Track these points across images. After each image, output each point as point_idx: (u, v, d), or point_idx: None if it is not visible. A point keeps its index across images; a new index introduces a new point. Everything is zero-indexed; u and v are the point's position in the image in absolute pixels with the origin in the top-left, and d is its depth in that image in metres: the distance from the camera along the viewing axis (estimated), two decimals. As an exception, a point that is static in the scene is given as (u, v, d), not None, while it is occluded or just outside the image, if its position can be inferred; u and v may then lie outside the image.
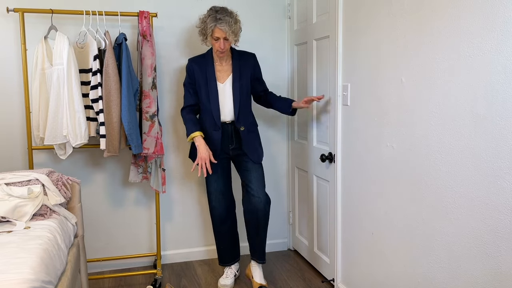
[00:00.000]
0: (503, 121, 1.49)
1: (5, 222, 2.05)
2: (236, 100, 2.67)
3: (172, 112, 3.15)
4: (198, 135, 2.63)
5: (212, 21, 2.52)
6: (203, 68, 2.68)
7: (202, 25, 2.59)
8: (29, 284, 1.48)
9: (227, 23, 2.50)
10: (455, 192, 1.72)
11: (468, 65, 1.62)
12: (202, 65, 2.69)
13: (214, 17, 2.52)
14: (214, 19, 2.51)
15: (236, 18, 2.58)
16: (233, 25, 2.52)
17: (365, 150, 2.33)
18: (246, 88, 2.71)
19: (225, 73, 2.70)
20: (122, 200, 3.13)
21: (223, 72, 2.70)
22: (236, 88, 2.67)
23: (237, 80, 2.68)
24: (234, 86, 2.67)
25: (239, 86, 2.68)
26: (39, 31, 2.83)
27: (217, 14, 2.52)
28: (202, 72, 2.68)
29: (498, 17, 1.49)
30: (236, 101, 2.67)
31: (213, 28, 2.52)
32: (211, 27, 2.52)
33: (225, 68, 2.70)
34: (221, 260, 2.89)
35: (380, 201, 2.21)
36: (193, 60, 2.71)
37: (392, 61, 2.06)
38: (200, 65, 2.69)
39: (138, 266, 3.20)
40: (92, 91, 2.60)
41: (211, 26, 2.52)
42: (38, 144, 2.75)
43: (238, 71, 2.69)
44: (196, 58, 2.72)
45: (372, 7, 2.19)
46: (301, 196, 3.25)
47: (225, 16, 2.51)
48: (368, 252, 2.35)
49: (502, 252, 1.52)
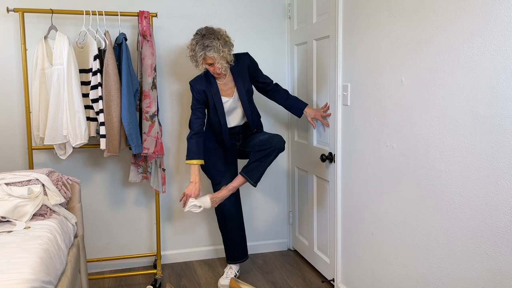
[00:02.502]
0: (503, 121, 1.49)
1: (5, 222, 2.05)
2: (247, 108, 2.72)
3: (172, 112, 3.15)
4: (196, 163, 2.65)
5: (200, 49, 2.46)
6: (208, 88, 2.66)
7: (192, 53, 2.53)
8: (29, 284, 1.48)
9: (215, 49, 2.45)
10: (455, 192, 1.72)
11: (468, 65, 1.62)
12: (207, 87, 2.66)
13: (202, 44, 2.46)
14: (202, 46, 2.46)
15: (225, 39, 2.51)
16: (221, 50, 2.46)
17: (365, 150, 2.33)
18: (251, 91, 2.76)
19: (230, 85, 2.71)
20: (122, 200, 3.13)
21: (227, 85, 2.71)
22: (244, 97, 2.70)
23: (242, 89, 2.70)
24: (241, 96, 2.70)
25: (246, 94, 2.71)
26: (39, 31, 2.83)
27: (204, 40, 2.45)
28: (209, 95, 2.67)
29: (498, 17, 1.49)
30: (247, 110, 2.73)
31: (203, 56, 2.49)
32: (201, 56, 2.48)
33: (228, 80, 2.70)
34: (231, 257, 2.89)
35: (380, 201, 2.21)
36: (196, 82, 2.67)
37: (392, 61, 2.06)
38: (204, 86, 2.66)
39: (138, 266, 3.20)
40: (92, 91, 2.60)
41: (201, 55, 2.48)
42: (38, 144, 2.75)
43: (240, 80, 2.70)
44: (197, 80, 2.68)
45: (372, 7, 2.19)
46: (301, 196, 3.25)
47: (213, 41, 2.45)
48: (368, 252, 2.35)
49: (502, 252, 1.52)
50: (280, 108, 3.35)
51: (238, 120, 2.76)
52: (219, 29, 2.54)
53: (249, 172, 2.63)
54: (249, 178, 2.63)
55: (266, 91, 2.87)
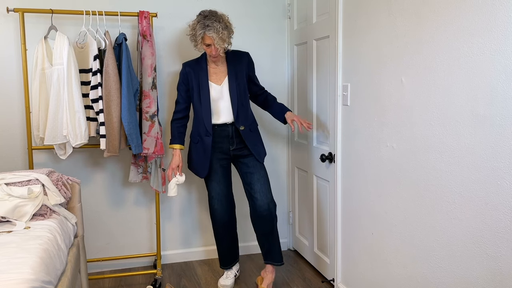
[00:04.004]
0: (503, 121, 1.49)
1: (5, 222, 2.05)
2: (234, 100, 2.67)
3: (172, 112, 3.15)
4: (177, 148, 2.70)
5: (200, 28, 2.50)
6: (197, 72, 2.67)
7: (192, 32, 2.56)
8: (29, 284, 1.48)
9: (215, 30, 2.47)
10: (455, 192, 1.72)
11: (468, 65, 1.62)
12: (195, 69, 2.68)
13: (203, 24, 2.49)
14: (203, 25, 2.49)
15: (226, 23, 2.54)
16: (221, 32, 2.48)
17: (365, 150, 2.33)
18: (243, 87, 2.70)
19: (221, 75, 2.70)
20: (122, 200, 3.13)
21: (219, 73, 2.70)
22: (233, 89, 2.67)
23: (233, 80, 2.67)
24: (231, 87, 2.67)
25: (235, 86, 2.67)
26: (39, 31, 2.83)
27: (206, 20, 2.49)
28: (196, 76, 2.67)
29: (498, 17, 1.49)
30: (234, 102, 2.67)
31: (202, 35, 2.51)
32: (200, 34, 2.50)
33: (221, 70, 2.70)
34: (223, 263, 2.88)
35: (380, 201, 2.21)
36: (187, 64, 2.71)
37: (392, 61, 2.06)
38: (194, 69, 2.68)
39: (138, 266, 3.21)
40: (92, 91, 2.60)
41: (200, 34, 2.50)
42: (38, 144, 2.75)
43: (234, 71, 2.68)
44: (190, 62, 2.72)
45: (372, 7, 2.19)
46: (301, 196, 3.25)
47: (214, 22, 2.48)
48: (368, 252, 2.35)
49: (502, 252, 1.52)
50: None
51: (227, 115, 2.68)
52: (222, 14, 2.58)
53: (271, 255, 2.76)
54: (279, 262, 2.77)
55: (257, 95, 2.83)
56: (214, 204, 2.76)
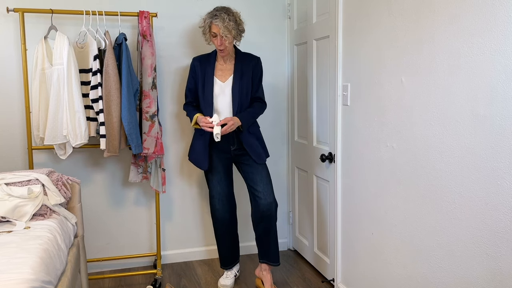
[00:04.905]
0: (503, 121, 1.49)
1: (5, 222, 2.05)
2: (235, 100, 2.66)
3: (172, 112, 3.15)
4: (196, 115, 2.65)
5: (208, 18, 2.58)
6: (204, 66, 2.70)
7: (203, 23, 2.63)
8: (29, 284, 1.48)
9: (221, 19, 2.52)
10: (455, 192, 1.72)
11: (468, 65, 1.62)
12: (203, 63, 2.71)
13: (212, 14, 2.56)
14: (211, 16, 2.56)
15: (236, 18, 2.58)
16: (227, 21, 2.52)
17: (365, 150, 2.33)
18: (246, 89, 2.70)
19: (227, 72, 2.71)
20: (122, 200, 3.13)
21: (226, 71, 2.71)
22: (236, 88, 2.67)
23: (238, 80, 2.67)
24: (234, 86, 2.67)
25: (239, 86, 2.67)
26: (39, 31, 2.83)
27: (216, 12, 2.56)
28: (202, 70, 2.70)
29: (498, 17, 1.49)
30: (235, 101, 2.66)
31: (209, 24, 2.57)
32: (207, 23, 2.58)
33: (228, 67, 2.71)
34: (223, 263, 2.88)
35: (380, 201, 2.21)
36: (197, 58, 2.75)
37: (392, 61, 2.06)
38: (201, 63, 2.71)
39: (138, 266, 3.20)
40: (92, 91, 2.60)
41: (208, 23, 2.58)
42: (38, 144, 2.75)
43: (240, 72, 2.68)
44: (200, 57, 2.76)
45: (372, 7, 2.19)
46: (301, 196, 3.25)
47: (222, 13, 2.54)
48: (368, 252, 2.35)
49: (502, 252, 1.52)
50: (279, 108, 3.35)
51: (227, 113, 2.68)
52: (236, 11, 2.62)
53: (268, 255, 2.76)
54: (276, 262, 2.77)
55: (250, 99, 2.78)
56: (215, 203, 2.76)
